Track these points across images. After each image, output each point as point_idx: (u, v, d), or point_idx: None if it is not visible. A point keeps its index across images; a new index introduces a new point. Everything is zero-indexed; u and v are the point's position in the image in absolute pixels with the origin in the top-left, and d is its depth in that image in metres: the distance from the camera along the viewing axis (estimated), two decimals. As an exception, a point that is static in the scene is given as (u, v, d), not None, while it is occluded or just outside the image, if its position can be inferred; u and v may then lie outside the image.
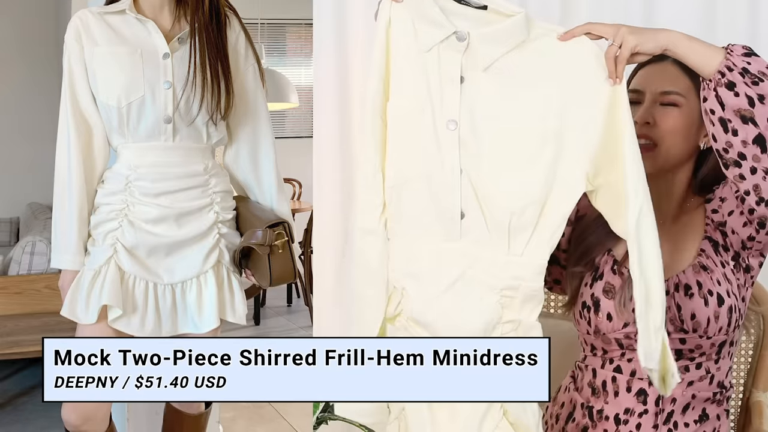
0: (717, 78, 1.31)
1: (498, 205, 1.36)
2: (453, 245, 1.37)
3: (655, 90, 1.49)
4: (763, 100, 1.30)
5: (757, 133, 1.31)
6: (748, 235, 1.44)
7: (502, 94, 1.36)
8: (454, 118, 1.36)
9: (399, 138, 1.38)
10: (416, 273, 1.39)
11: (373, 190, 1.38)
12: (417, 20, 1.37)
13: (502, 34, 1.35)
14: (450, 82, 1.36)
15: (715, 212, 1.50)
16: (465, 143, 1.36)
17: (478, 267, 1.37)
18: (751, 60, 1.31)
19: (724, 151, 1.34)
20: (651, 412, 1.47)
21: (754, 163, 1.32)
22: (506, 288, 1.37)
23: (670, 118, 1.48)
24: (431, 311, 1.38)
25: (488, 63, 1.35)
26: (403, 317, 1.41)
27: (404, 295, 1.40)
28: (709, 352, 1.47)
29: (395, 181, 1.38)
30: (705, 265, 1.47)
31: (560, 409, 1.60)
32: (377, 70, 1.38)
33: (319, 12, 2.23)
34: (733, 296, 1.45)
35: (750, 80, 1.30)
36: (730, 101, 1.31)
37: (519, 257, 1.37)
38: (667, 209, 1.53)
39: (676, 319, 1.45)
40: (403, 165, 1.38)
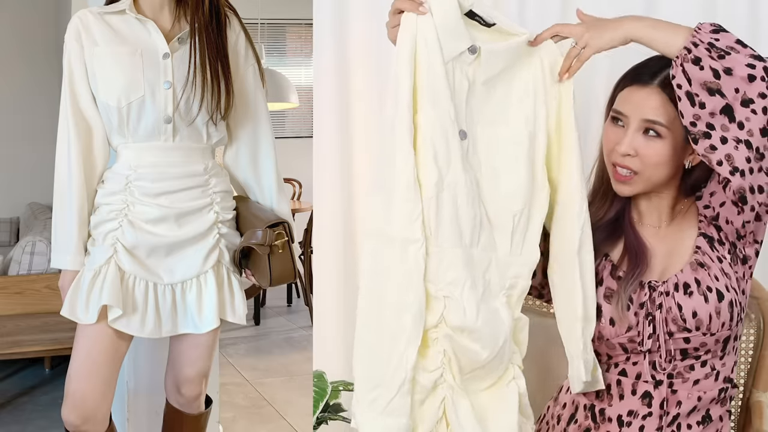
0: (683, 54, 1.34)
1: (501, 208, 1.44)
2: (474, 251, 1.42)
3: (640, 117, 1.46)
4: (730, 72, 1.32)
5: (725, 103, 1.33)
6: (743, 222, 1.44)
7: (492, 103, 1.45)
8: (464, 128, 1.42)
9: (434, 149, 1.40)
10: (457, 281, 1.40)
11: (413, 200, 1.39)
12: (441, 33, 1.40)
13: (506, 51, 1.44)
14: (462, 94, 1.42)
15: (707, 207, 1.50)
16: (470, 152, 1.42)
17: (490, 270, 1.44)
18: (719, 36, 1.34)
19: (691, 125, 1.36)
20: (655, 414, 1.47)
21: (723, 132, 1.34)
22: (510, 287, 1.46)
23: (653, 150, 1.46)
24: (479, 318, 1.40)
25: (489, 76, 1.43)
26: (445, 326, 1.41)
27: (447, 305, 1.40)
28: (714, 349, 1.47)
29: (434, 191, 1.39)
30: (702, 262, 1.47)
31: (562, 409, 1.59)
32: (406, 83, 1.39)
33: (319, 12, 2.23)
34: (732, 290, 1.45)
35: (716, 54, 1.32)
36: (696, 75, 1.33)
37: (519, 257, 1.46)
38: (660, 217, 1.54)
39: (678, 318, 1.45)
40: (440, 175, 1.40)
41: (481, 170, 1.43)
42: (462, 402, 1.42)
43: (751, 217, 1.43)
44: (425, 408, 1.42)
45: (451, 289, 1.40)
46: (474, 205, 1.41)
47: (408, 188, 1.38)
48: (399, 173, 1.38)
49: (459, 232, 1.40)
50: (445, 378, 1.42)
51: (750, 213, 1.42)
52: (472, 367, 1.42)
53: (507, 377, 1.47)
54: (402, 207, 1.39)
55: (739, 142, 1.33)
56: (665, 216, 1.54)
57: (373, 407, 1.39)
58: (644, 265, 1.48)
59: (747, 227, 1.45)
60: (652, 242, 1.52)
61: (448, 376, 1.42)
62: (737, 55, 1.32)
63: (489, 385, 1.46)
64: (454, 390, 1.42)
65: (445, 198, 1.40)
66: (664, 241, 1.52)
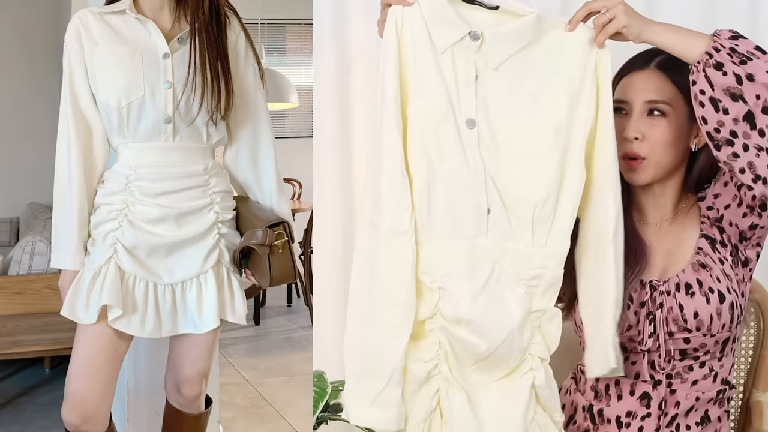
0: (705, 59, 1.33)
1: (520, 198, 1.40)
2: (482, 241, 1.40)
3: (642, 100, 1.48)
4: (752, 78, 1.31)
5: (747, 110, 1.32)
6: (750, 224, 1.44)
7: (513, 90, 1.40)
8: (472, 117, 1.39)
9: (423, 140, 1.39)
10: (453, 272, 1.40)
11: (401, 192, 1.39)
12: (431, 23, 1.40)
13: (513, 33, 1.39)
14: (466, 82, 1.39)
15: (710, 209, 1.50)
16: (483, 140, 1.40)
17: (505, 260, 1.41)
18: (738, 42, 1.34)
19: (715, 131, 1.35)
20: (654, 415, 1.47)
21: (745, 140, 1.33)
22: (532, 278, 1.42)
23: (659, 129, 1.47)
24: (474, 309, 1.39)
25: (499, 62, 1.39)
26: (441, 318, 1.41)
27: (441, 296, 1.40)
28: (713, 350, 1.47)
29: (424, 183, 1.39)
30: (704, 263, 1.47)
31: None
32: (392, 76, 1.39)
33: (319, 12, 2.23)
34: (733, 292, 1.45)
35: (738, 59, 1.32)
36: (719, 81, 1.32)
37: (543, 247, 1.41)
38: (662, 213, 1.54)
39: (679, 318, 1.45)
40: (431, 166, 1.39)
41: (501, 159, 1.40)
42: (457, 395, 1.41)
43: (767, 223, 1.43)
44: (419, 399, 1.42)
45: (445, 281, 1.40)
46: (478, 194, 1.39)
47: (394, 180, 1.39)
48: (385, 165, 1.38)
49: (457, 224, 1.39)
50: (440, 369, 1.42)
51: (767, 219, 1.42)
52: (474, 359, 1.41)
53: (523, 369, 1.44)
54: (390, 199, 1.39)
55: (760, 150, 1.33)
56: (667, 214, 1.54)
57: (363, 398, 1.41)
58: (643, 263, 1.48)
59: (756, 231, 1.45)
60: (653, 240, 1.52)
61: (443, 368, 1.42)
62: (758, 61, 1.32)
63: (502, 375, 1.44)
64: (450, 382, 1.42)
65: (438, 190, 1.39)
66: (665, 240, 1.52)
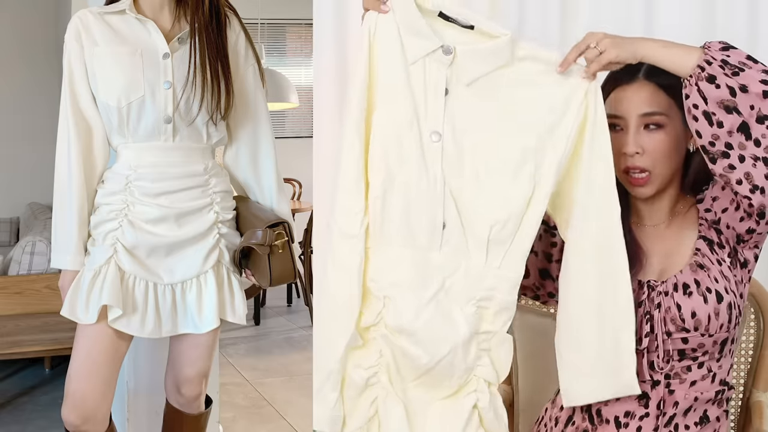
0: (697, 72, 1.32)
1: (479, 216, 1.40)
2: (435, 255, 1.40)
3: (636, 114, 1.46)
4: (745, 89, 1.31)
5: (741, 121, 1.32)
6: (747, 228, 1.44)
7: (483, 109, 1.40)
8: (438, 130, 1.39)
9: (384, 148, 1.40)
10: (400, 282, 1.41)
11: (355, 196, 1.41)
12: (404, 32, 1.40)
13: (487, 53, 1.38)
14: (435, 95, 1.39)
15: (708, 211, 1.50)
16: (447, 155, 1.40)
17: (456, 277, 1.41)
18: (730, 53, 1.33)
19: (710, 144, 1.35)
20: (652, 415, 1.47)
21: (741, 151, 1.33)
22: (482, 299, 1.41)
23: (658, 142, 1.46)
24: (416, 321, 1.40)
25: (471, 79, 1.39)
26: (383, 326, 1.42)
27: (386, 304, 1.41)
28: (711, 351, 1.47)
29: (380, 190, 1.40)
30: (701, 263, 1.47)
31: (559, 411, 1.59)
32: (361, 80, 1.40)
33: (319, 12, 2.23)
34: (731, 293, 1.45)
35: (730, 71, 1.31)
36: (713, 94, 1.32)
37: (497, 269, 1.41)
38: (660, 216, 1.54)
39: (676, 318, 1.45)
40: (389, 174, 1.40)
41: (464, 175, 1.40)
42: (395, 405, 1.42)
43: (765, 229, 1.43)
44: (359, 404, 1.44)
45: (391, 290, 1.41)
46: (435, 207, 1.39)
47: (348, 183, 1.40)
48: (343, 169, 1.40)
49: (410, 234, 1.40)
50: (379, 378, 1.43)
51: (765, 225, 1.42)
52: (416, 372, 1.42)
53: (467, 390, 1.43)
54: (344, 202, 1.41)
55: (756, 160, 1.32)
56: (665, 217, 1.54)
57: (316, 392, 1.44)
58: (639, 265, 1.48)
59: (752, 235, 1.45)
60: (651, 243, 1.52)
61: (383, 377, 1.43)
62: (750, 71, 1.31)
63: (446, 395, 1.44)
64: (388, 392, 1.43)
65: (394, 197, 1.40)
66: (664, 241, 1.52)
